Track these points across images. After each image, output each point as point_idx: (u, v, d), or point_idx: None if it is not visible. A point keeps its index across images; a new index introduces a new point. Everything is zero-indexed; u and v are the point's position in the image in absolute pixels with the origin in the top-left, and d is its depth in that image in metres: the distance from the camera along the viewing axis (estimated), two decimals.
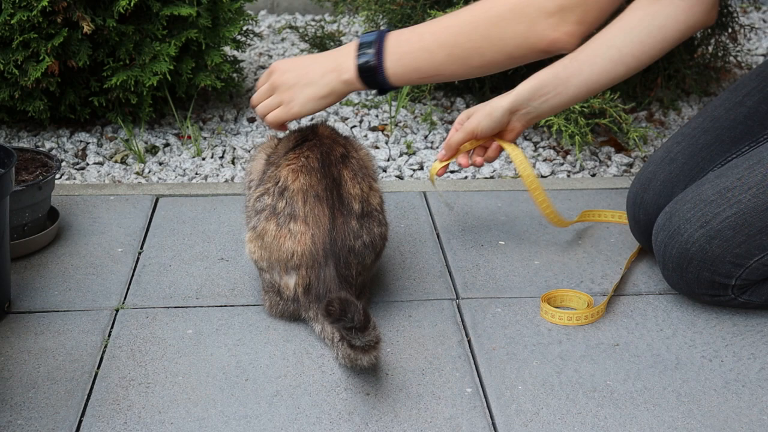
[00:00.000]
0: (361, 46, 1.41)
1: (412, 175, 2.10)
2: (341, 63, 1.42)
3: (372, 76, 1.40)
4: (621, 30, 1.50)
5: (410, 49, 1.36)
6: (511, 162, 2.15)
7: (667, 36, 1.48)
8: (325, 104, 1.45)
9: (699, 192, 1.50)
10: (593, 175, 2.12)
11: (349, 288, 1.39)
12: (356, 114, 2.43)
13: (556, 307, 1.51)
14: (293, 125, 1.93)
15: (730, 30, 2.50)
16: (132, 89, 2.17)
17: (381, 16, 2.46)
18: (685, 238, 1.47)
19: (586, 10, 1.24)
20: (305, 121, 2.25)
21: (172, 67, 2.15)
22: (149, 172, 2.10)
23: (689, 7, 1.47)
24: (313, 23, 2.86)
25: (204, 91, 2.50)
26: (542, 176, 2.10)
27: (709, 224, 1.46)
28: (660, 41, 1.49)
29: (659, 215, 1.54)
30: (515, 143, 1.59)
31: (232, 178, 2.07)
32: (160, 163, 2.15)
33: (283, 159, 1.45)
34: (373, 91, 1.42)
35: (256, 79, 2.70)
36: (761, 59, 2.95)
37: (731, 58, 2.70)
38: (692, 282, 1.49)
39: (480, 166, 1.61)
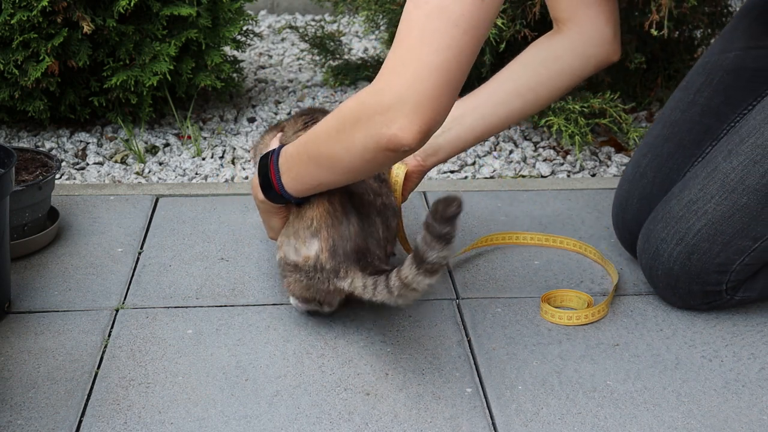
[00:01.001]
0: (260, 169, 1.37)
1: None
2: (256, 186, 1.39)
3: (274, 192, 1.36)
4: (518, 63, 1.52)
5: (292, 163, 1.32)
6: (511, 162, 2.16)
7: (564, 67, 1.49)
8: (277, 218, 1.42)
9: (667, 209, 1.50)
10: (593, 175, 2.12)
11: (377, 246, 1.37)
12: None
13: (556, 307, 1.51)
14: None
15: None
16: (132, 89, 2.17)
17: (381, 16, 2.46)
18: (665, 258, 1.48)
19: (418, 101, 1.13)
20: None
21: (172, 67, 2.15)
22: (149, 172, 2.10)
23: (586, 38, 1.48)
24: (313, 23, 2.86)
25: (204, 91, 2.50)
26: (542, 176, 2.10)
27: (684, 240, 1.46)
28: (557, 72, 1.49)
29: (639, 237, 1.55)
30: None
31: (232, 178, 2.07)
32: (160, 163, 2.15)
33: (294, 137, 1.43)
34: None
35: (257, 79, 2.70)
36: None
37: None
38: (685, 296, 1.49)
39: None
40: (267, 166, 1.35)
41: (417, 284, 1.21)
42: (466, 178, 2.09)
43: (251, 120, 2.39)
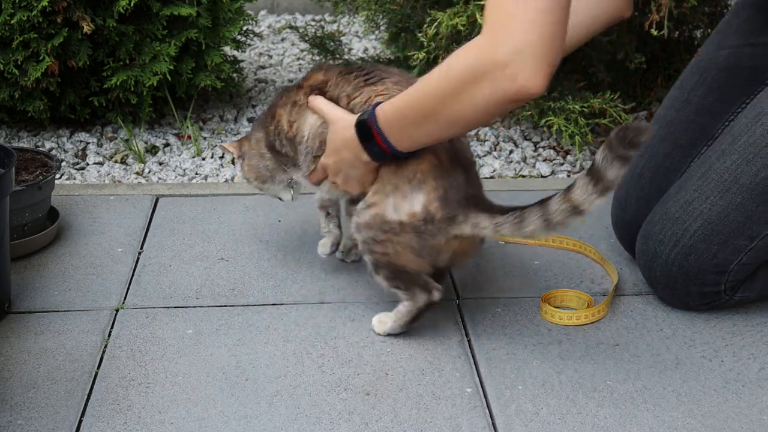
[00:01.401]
0: (361, 132, 1.35)
1: None
2: (355, 147, 1.37)
3: (380, 151, 1.35)
4: None
5: (399, 123, 1.31)
6: (511, 162, 2.15)
7: (576, 22, 1.47)
8: (373, 175, 1.40)
9: (665, 210, 1.50)
10: None
11: (483, 198, 1.39)
12: None
13: (556, 307, 1.51)
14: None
15: None
16: (132, 89, 2.17)
17: (381, 16, 2.46)
18: (663, 260, 1.48)
19: (536, 47, 1.13)
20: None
21: (172, 67, 2.15)
22: (149, 172, 2.10)
23: None
24: (313, 23, 2.86)
25: (204, 91, 2.50)
26: (542, 176, 2.10)
27: (681, 242, 1.46)
28: (570, 27, 1.48)
29: (637, 239, 1.55)
30: None
31: (232, 178, 2.07)
32: (160, 163, 2.15)
33: (358, 94, 1.41)
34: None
35: (257, 79, 2.70)
36: None
37: None
38: (684, 297, 1.49)
39: None
40: (368, 128, 1.33)
41: (588, 204, 1.24)
42: None
43: (251, 120, 2.39)
